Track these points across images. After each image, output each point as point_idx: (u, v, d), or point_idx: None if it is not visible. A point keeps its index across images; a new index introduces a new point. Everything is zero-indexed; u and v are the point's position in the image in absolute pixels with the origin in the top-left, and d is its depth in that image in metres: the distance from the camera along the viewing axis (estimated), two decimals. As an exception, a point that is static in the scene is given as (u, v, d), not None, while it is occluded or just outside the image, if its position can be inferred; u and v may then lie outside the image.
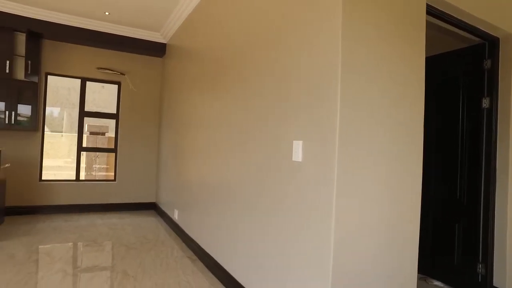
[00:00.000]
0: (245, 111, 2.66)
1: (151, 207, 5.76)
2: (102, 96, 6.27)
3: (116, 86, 5.62)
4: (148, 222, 4.92)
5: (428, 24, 2.18)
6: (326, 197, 1.73)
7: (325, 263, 1.71)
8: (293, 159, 2.00)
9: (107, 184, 5.55)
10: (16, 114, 4.68)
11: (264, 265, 2.26)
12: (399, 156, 1.93)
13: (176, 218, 4.37)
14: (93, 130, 7.49)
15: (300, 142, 1.94)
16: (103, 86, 5.60)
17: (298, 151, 1.97)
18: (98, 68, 5.36)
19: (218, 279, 2.94)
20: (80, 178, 5.52)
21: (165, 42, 5.56)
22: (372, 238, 1.83)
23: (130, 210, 5.58)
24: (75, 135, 5.54)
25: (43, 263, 3.19)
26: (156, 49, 5.54)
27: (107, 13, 4.78)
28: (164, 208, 5.15)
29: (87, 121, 5.83)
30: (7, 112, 4.61)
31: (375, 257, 1.84)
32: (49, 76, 5.17)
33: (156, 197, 5.74)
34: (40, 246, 3.70)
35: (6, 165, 4.30)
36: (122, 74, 5.53)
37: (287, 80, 2.11)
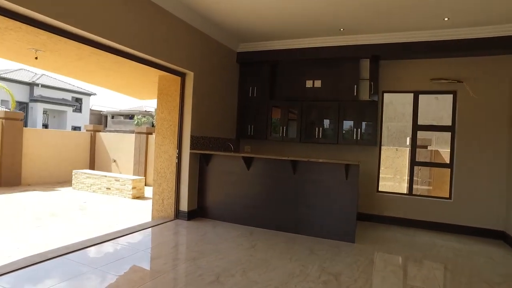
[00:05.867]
0: None
1: (497, 236, 4.73)
2: (423, 108, 6.05)
3: (451, 96, 5.15)
4: (490, 255, 4.03)
5: None
6: None
7: None
8: None
9: (441, 202, 5.15)
10: (361, 131, 5.30)
11: None
12: None
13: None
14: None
15: None
16: (436, 97, 5.31)
17: None
18: (432, 79, 5.13)
19: None
20: (413, 193, 5.45)
21: (520, 34, 4.48)
22: None
23: (469, 235, 4.86)
24: (390, 148, 5.60)
25: (400, 277, 3.24)
26: (507, 45, 4.55)
27: (446, 19, 4.46)
28: (522, 241, 4.07)
29: (407, 135, 5.74)
30: (354, 130, 5.33)
31: None
32: (384, 94, 5.53)
33: (506, 225, 4.67)
34: (390, 256, 3.89)
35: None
36: (459, 81, 4.99)
37: None
